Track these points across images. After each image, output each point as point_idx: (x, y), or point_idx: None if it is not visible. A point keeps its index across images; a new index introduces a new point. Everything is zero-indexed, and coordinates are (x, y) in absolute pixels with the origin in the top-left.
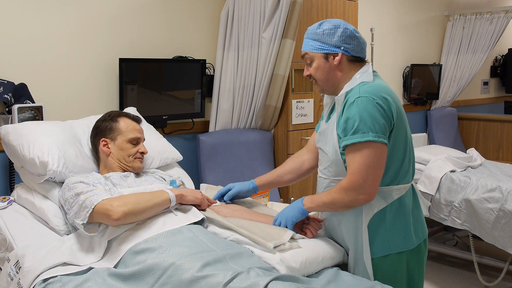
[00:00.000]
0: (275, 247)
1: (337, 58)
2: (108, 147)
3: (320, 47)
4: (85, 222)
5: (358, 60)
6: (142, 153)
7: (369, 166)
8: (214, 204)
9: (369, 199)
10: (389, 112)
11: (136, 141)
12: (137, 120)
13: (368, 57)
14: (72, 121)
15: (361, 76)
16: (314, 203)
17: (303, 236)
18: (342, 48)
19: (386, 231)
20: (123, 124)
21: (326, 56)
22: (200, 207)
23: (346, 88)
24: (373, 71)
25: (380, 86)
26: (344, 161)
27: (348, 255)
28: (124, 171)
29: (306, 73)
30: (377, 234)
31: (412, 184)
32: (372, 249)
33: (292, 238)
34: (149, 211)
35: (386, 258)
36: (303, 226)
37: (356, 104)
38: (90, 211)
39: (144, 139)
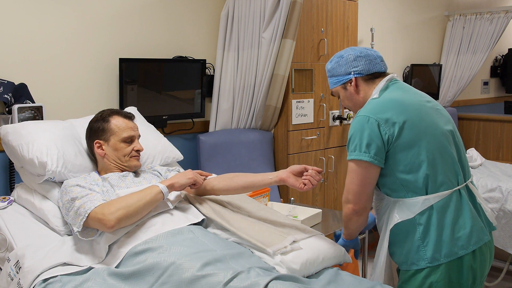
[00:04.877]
0: (275, 252)
1: (353, 83)
2: (102, 149)
3: (336, 81)
4: (79, 229)
5: (375, 76)
6: (138, 151)
7: (350, 181)
8: (209, 177)
9: (355, 208)
10: (382, 129)
11: (130, 140)
12: (129, 117)
13: None
14: (73, 120)
15: (374, 93)
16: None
17: (305, 237)
18: (352, 73)
19: (419, 241)
20: (115, 123)
21: (344, 86)
22: (195, 185)
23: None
24: (393, 81)
25: (384, 103)
26: None
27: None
28: (122, 171)
29: (342, 106)
30: (407, 244)
31: (460, 190)
32: (402, 260)
33: (293, 242)
34: (143, 210)
35: (421, 272)
36: (302, 176)
37: (353, 122)
38: (84, 219)
39: (140, 136)
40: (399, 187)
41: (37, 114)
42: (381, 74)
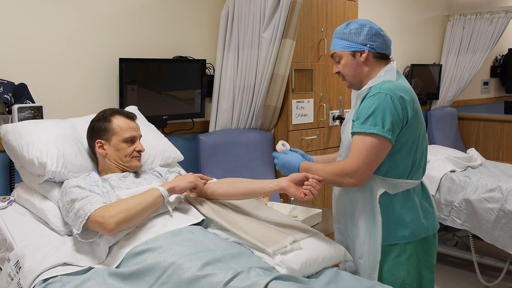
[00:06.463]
0: (274, 252)
1: (364, 55)
2: (103, 149)
3: (347, 45)
4: (79, 232)
5: (383, 57)
6: (139, 151)
7: (366, 156)
8: (210, 181)
9: (357, 184)
10: (404, 111)
11: (131, 140)
12: (131, 117)
13: None
14: (75, 119)
15: (385, 74)
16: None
17: (305, 237)
18: (368, 45)
19: (393, 220)
20: (117, 123)
21: (354, 53)
22: (196, 189)
23: (370, 84)
24: (397, 70)
25: (400, 85)
26: None
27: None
28: (123, 171)
29: (335, 70)
30: (383, 223)
31: (422, 181)
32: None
33: (293, 241)
34: (143, 213)
35: (394, 247)
36: (303, 186)
37: (374, 98)
38: (83, 222)
39: (141, 136)
40: (390, 167)
41: (37, 114)
42: (388, 58)
